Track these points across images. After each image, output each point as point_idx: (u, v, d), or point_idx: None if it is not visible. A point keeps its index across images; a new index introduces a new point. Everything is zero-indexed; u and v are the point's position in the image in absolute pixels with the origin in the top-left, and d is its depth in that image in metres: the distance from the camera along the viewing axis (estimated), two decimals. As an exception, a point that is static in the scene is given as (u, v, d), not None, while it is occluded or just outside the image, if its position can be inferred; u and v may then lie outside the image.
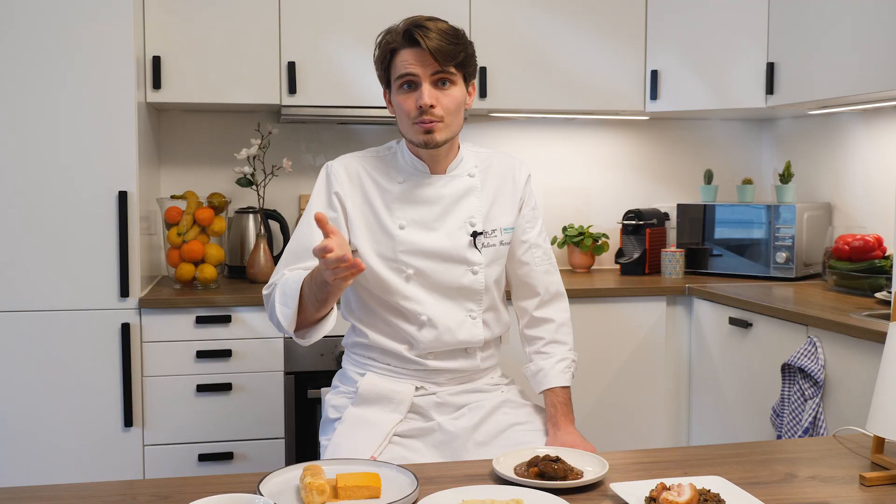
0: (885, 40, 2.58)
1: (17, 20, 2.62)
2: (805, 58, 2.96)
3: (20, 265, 2.67)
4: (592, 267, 3.67)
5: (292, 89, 3.06)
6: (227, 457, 2.83)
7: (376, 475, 1.34)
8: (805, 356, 2.46)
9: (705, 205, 3.48)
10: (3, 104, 2.64)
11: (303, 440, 2.90)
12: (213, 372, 2.81)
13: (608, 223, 3.74)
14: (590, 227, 3.65)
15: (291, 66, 3.05)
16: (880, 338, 2.18)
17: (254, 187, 3.17)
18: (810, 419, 2.42)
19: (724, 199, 3.74)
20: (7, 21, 2.62)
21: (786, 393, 2.54)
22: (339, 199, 1.83)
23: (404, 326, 1.83)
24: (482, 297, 1.86)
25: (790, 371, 2.53)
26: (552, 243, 3.51)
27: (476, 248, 1.84)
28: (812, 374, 2.43)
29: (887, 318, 2.41)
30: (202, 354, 2.80)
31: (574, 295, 2.39)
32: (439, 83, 1.75)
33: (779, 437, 2.57)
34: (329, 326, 1.72)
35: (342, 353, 2.86)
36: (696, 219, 3.50)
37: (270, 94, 3.07)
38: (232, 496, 1.21)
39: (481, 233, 1.85)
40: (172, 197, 3.04)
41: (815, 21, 2.91)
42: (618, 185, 3.78)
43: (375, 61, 1.82)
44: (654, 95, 3.35)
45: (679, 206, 3.58)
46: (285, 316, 1.68)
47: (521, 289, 1.98)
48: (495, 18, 3.22)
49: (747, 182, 3.51)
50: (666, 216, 3.67)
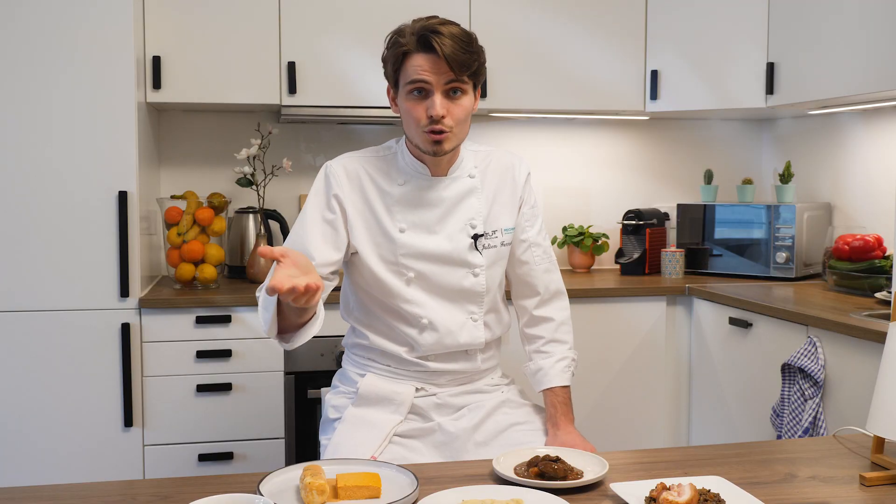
0: (885, 40, 2.58)
1: (17, 20, 2.62)
2: (805, 58, 2.96)
3: (20, 265, 2.67)
4: (592, 267, 3.67)
5: (292, 89, 3.06)
6: (227, 457, 2.83)
7: (376, 475, 1.34)
8: (805, 356, 2.46)
9: (705, 205, 3.48)
10: (3, 104, 2.64)
11: (303, 440, 2.90)
12: (213, 372, 2.81)
13: (608, 223, 3.74)
14: (590, 227, 3.65)
15: (291, 66, 3.05)
16: (880, 338, 2.18)
17: (254, 187, 3.17)
18: (810, 419, 2.42)
19: (724, 199, 3.74)
20: (7, 21, 2.62)
21: (786, 393, 2.54)
22: (339, 202, 1.80)
23: (405, 329, 1.83)
24: (483, 298, 1.86)
25: (790, 371, 2.53)
26: (552, 243, 3.51)
27: (477, 250, 1.83)
28: (812, 374, 2.43)
29: (887, 318, 2.41)
30: (202, 354, 2.80)
31: (574, 295, 2.39)
32: (450, 92, 1.72)
33: (779, 437, 2.57)
34: (313, 331, 1.66)
35: (342, 353, 2.86)
36: (696, 219, 3.50)
37: (270, 94, 3.07)
38: (232, 496, 1.21)
39: (482, 234, 1.84)
40: (172, 197, 3.04)
41: (815, 21, 2.91)
42: (618, 185, 3.78)
43: (384, 60, 1.78)
44: (654, 95, 3.35)
45: (679, 206, 3.58)
46: (265, 320, 1.64)
47: (521, 287, 1.97)
48: (495, 18, 3.21)
49: (747, 182, 3.51)
50: (666, 216, 3.67)
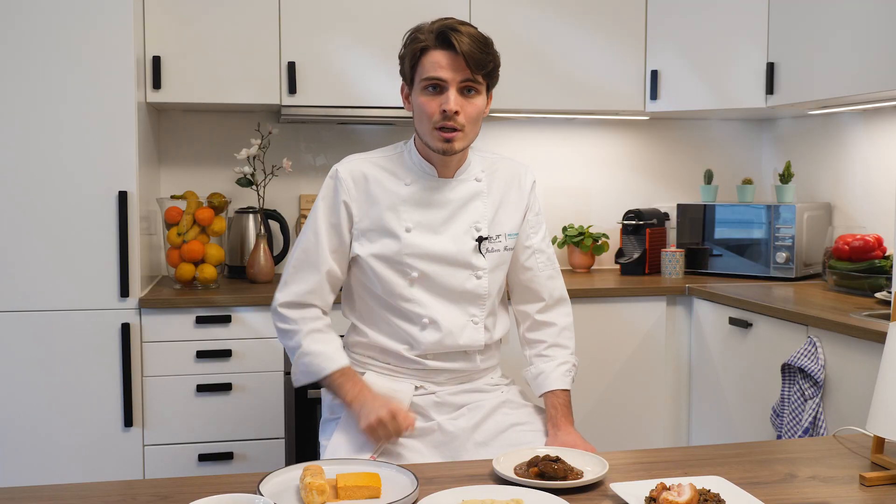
0: (885, 40, 2.58)
1: (17, 20, 2.62)
2: (805, 58, 2.96)
3: (20, 265, 2.67)
4: (592, 267, 3.67)
5: (292, 89, 3.06)
6: (227, 457, 2.83)
7: (376, 475, 1.34)
8: (805, 356, 2.46)
9: (705, 205, 3.48)
10: (3, 104, 2.64)
11: (303, 440, 2.90)
12: (213, 372, 2.81)
13: (608, 223, 3.74)
14: (590, 227, 3.65)
15: (291, 66, 3.05)
16: (880, 338, 2.18)
17: (254, 187, 3.17)
18: (810, 419, 2.42)
19: (724, 199, 3.74)
20: (7, 21, 2.62)
21: (786, 393, 2.54)
22: (347, 208, 1.83)
23: (406, 328, 1.83)
24: (485, 301, 1.86)
25: (790, 371, 2.53)
26: (552, 243, 3.51)
27: (481, 253, 1.84)
28: (812, 374, 2.43)
29: (887, 318, 2.41)
30: (202, 354, 2.80)
31: (574, 295, 2.39)
32: (465, 91, 1.74)
33: (779, 437, 2.57)
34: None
35: (342, 353, 2.87)
36: (696, 219, 3.50)
37: (270, 94, 3.07)
38: (232, 496, 1.21)
39: (486, 238, 1.85)
40: (172, 197, 3.04)
41: (815, 21, 2.91)
42: (618, 185, 3.78)
43: (401, 57, 1.80)
44: (654, 95, 3.35)
45: (679, 206, 3.58)
46: (297, 382, 1.86)
47: (524, 293, 1.98)
48: (495, 18, 3.21)
49: (747, 182, 3.51)
50: (666, 216, 3.67)
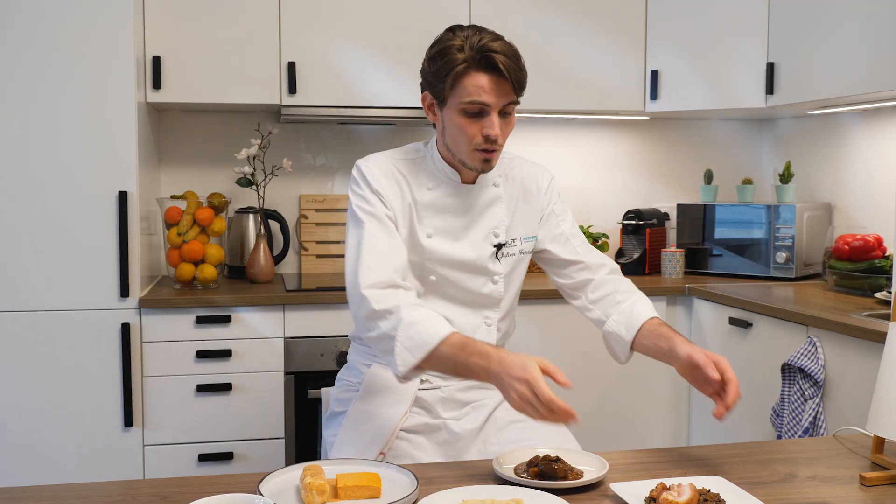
0: (886, 40, 2.58)
1: (17, 20, 2.62)
2: (805, 58, 2.96)
3: (20, 265, 2.67)
4: (592, 267, 3.66)
5: (292, 89, 3.06)
6: (227, 457, 2.83)
7: (376, 475, 1.34)
8: (805, 356, 2.46)
9: (705, 205, 3.48)
10: (3, 104, 2.64)
11: (303, 440, 2.90)
12: (213, 372, 2.81)
13: (608, 223, 3.74)
14: (590, 227, 3.64)
15: (291, 66, 3.05)
16: (880, 338, 2.18)
17: (254, 187, 3.17)
18: (810, 419, 2.42)
19: (724, 199, 3.74)
20: (7, 21, 2.62)
21: (786, 393, 2.54)
22: (380, 196, 1.76)
23: None
24: (500, 304, 1.87)
25: (790, 371, 2.53)
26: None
27: (497, 258, 1.84)
28: (812, 374, 2.43)
29: (887, 318, 2.41)
30: (202, 354, 2.80)
31: (574, 295, 2.40)
32: (504, 112, 1.70)
33: (779, 437, 2.57)
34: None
35: (342, 353, 2.87)
36: (696, 219, 3.50)
37: (270, 94, 3.07)
38: (232, 496, 1.21)
39: (504, 244, 1.84)
40: (172, 197, 3.04)
41: (815, 21, 2.91)
42: (618, 185, 3.78)
43: (435, 74, 1.69)
44: (654, 95, 3.35)
45: (679, 206, 3.58)
46: (405, 363, 1.55)
47: (573, 275, 1.88)
48: (495, 18, 3.21)
49: (747, 182, 3.51)
50: (666, 216, 3.67)
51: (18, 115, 2.65)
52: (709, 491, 1.26)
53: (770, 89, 3.13)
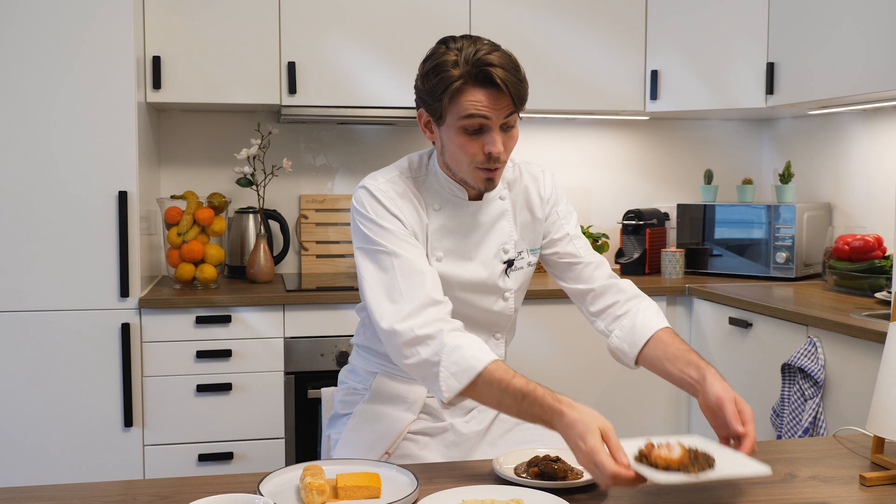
0: (886, 40, 2.58)
1: (17, 20, 2.62)
2: (805, 58, 2.96)
3: (20, 265, 2.67)
4: (592, 267, 3.67)
5: (292, 89, 3.06)
6: (227, 457, 2.83)
7: (376, 475, 1.34)
8: (805, 356, 2.46)
9: (705, 205, 3.48)
10: (3, 104, 2.64)
11: (303, 440, 2.90)
12: (213, 372, 2.81)
13: (608, 223, 3.74)
14: (590, 227, 3.64)
15: (291, 66, 3.05)
16: (880, 338, 2.18)
17: (254, 187, 3.17)
18: (810, 419, 2.42)
19: (724, 199, 3.74)
20: (7, 21, 2.62)
21: (786, 393, 2.54)
22: (403, 223, 1.66)
23: None
24: (510, 319, 1.84)
25: (790, 371, 2.53)
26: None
27: (507, 275, 1.80)
28: (812, 374, 2.43)
29: (887, 318, 2.41)
30: (202, 354, 2.80)
31: (574, 295, 2.41)
32: (505, 125, 1.61)
33: (779, 437, 2.57)
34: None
35: (342, 353, 2.87)
36: (696, 219, 3.50)
37: (270, 94, 3.07)
38: (232, 496, 1.21)
39: (514, 259, 1.80)
40: (172, 197, 3.04)
41: (815, 21, 2.91)
42: (618, 185, 3.78)
43: (430, 92, 1.60)
44: (654, 95, 3.35)
45: (679, 206, 3.58)
46: (450, 388, 1.47)
47: (576, 279, 1.84)
48: (495, 18, 3.21)
49: (747, 182, 3.51)
50: (666, 216, 3.67)
51: (18, 115, 2.65)
52: (696, 449, 1.28)
53: (770, 89, 3.13)
